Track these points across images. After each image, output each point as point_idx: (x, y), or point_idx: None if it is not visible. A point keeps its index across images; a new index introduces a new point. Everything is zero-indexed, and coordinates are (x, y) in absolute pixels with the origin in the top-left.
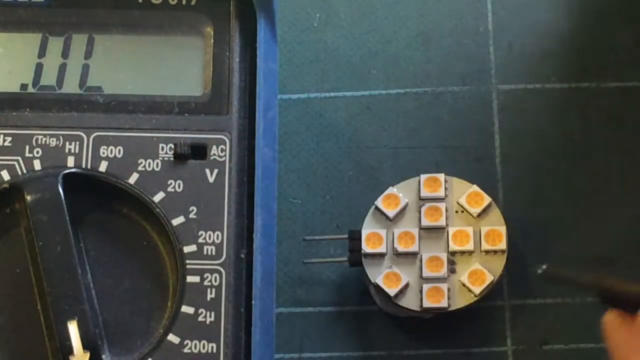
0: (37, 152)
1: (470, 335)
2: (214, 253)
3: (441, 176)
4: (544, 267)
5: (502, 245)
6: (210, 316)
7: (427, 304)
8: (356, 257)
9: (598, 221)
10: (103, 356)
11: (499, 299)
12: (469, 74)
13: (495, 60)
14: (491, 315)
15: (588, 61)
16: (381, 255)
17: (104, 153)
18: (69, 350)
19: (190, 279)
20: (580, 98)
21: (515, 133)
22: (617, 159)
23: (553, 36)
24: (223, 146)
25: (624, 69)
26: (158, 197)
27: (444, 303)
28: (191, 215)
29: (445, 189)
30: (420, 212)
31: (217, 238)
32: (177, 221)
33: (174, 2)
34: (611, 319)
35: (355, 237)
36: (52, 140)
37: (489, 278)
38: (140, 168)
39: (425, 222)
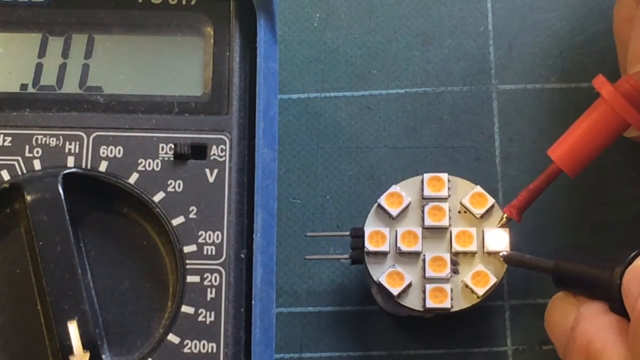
0: (37, 152)
1: (470, 335)
2: (214, 253)
3: (444, 176)
4: (504, 253)
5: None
6: (210, 316)
7: (430, 304)
8: (358, 254)
9: (598, 221)
10: (103, 356)
11: (499, 299)
12: (469, 74)
13: (495, 60)
14: (491, 315)
15: (588, 61)
16: (384, 254)
17: (104, 153)
18: (69, 350)
19: (190, 279)
20: (580, 98)
21: (515, 133)
22: (617, 159)
23: (553, 36)
24: (223, 146)
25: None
26: (158, 197)
27: (447, 303)
28: (191, 215)
29: (449, 188)
30: (423, 211)
31: (217, 238)
32: (177, 221)
33: (174, 2)
34: (560, 296)
35: (357, 235)
36: (52, 140)
37: (493, 280)
38: (140, 168)
39: (429, 221)
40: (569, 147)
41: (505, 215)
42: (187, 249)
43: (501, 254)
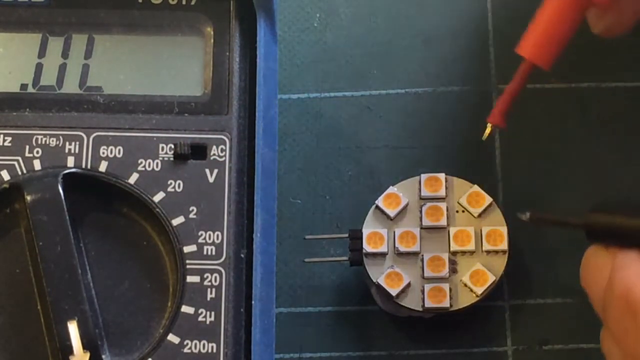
0: (37, 152)
1: (470, 335)
2: (214, 253)
3: (442, 176)
4: (528, 213)
5: (503, 245)
6: (210, 316)
7: (429, 304)
8: (357, 256)
9: None
10: (103, 356)
11: (499, 299)
12: (469, 74)
13: (495, 60)
14: (491, 315)
15: (588, 61)
16: (382, 255)
17: (104, 153)
18: (69, 350)
19: (190, 279)
20: (580, 98)
21: (515, 133)
22: (617, 159)
23: None
24: (223, 146)
25: (624, 69)
26: (158, 197)
27: (445, 303)
28: (191, 215)
29: (446, 188)
30: (421, 211)
31: (217, 238)
32: (177, 221)
33: (174, 2)
34: (594, 250)
35: (356, 237)
36: (52, 140)
37: (491, 278)
38: (140, 168)
39: (427, 221)
40: (536, 40)
41: (489, 124)
42: (187, 249)
43: (526, 215)
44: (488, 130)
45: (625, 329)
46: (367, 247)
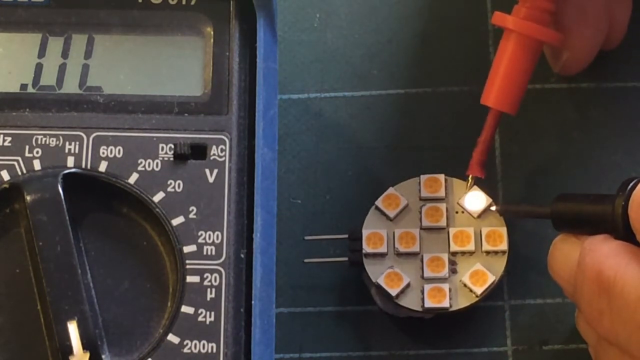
0: (37, 152)
1: (470, 335)
2: (213, 253)
3: (441, 176)
4: (499, 206)
5: (503, 245)
6: (210, 316)
7: (428, 304)
8: (357, 256)
9: None
10: (103, 356)
11: (499, 299)
12: (469, 74)
13: None
14: (491, 315)
15: None
16: (382, 255)
17: (104, 153)
18: (69, 350)
19: (190, 279)
20: (580, 98)
21: (515, 133)
22: (617, 159)
23: None
24: (223, 146)
25: (624, 69)
26: (158, 197)
27: (445, 303)
28: (191, 215)
29: (446, 189)
30: (420, 212)
31: (217, 238)
32: (177, 221)
33: (174, 2)
34: (562, 238)
35: (355, 237)
36: (52, 140)
37: (491, 278)
38: (140, 168)
39: (426, 222)
40: (499, 89)
41: (470, 177)
42: (187, 249)
43: (496, 208)
44: (471, 182)
45: (600, 310)
46: (367, 248)
